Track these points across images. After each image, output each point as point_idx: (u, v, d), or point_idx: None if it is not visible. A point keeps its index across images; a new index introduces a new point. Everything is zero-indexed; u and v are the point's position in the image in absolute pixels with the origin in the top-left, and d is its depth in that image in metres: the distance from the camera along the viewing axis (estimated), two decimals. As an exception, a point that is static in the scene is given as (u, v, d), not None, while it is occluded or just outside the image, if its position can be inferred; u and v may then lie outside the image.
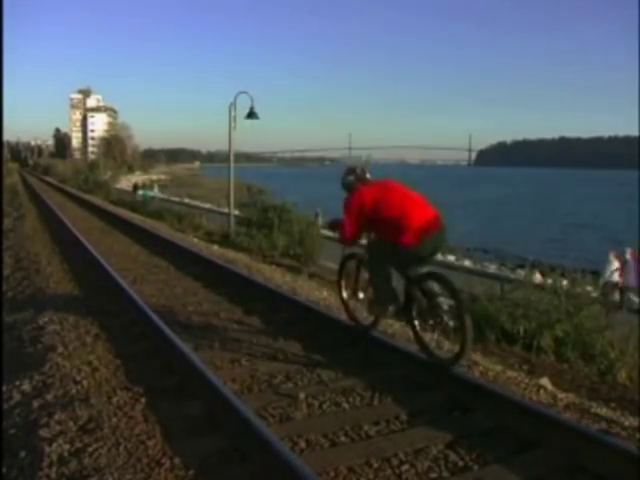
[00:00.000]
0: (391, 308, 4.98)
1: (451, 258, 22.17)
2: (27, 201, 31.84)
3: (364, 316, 5.57)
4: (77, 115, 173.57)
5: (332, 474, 3.23)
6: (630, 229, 30.74)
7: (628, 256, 14.39)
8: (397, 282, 4.98)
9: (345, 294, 5.70)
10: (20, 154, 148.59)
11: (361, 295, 5.51)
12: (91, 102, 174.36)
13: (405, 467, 3.32)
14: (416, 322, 4.77)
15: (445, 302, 4.54)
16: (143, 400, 4.13)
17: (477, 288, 9.02)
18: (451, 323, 4.45)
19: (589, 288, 9.20)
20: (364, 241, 5.33)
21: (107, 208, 24.87)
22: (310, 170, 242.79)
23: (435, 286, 4.63)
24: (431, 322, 4.62)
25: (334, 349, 5.32)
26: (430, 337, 4.76)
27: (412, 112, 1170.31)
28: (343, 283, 5.72)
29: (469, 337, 4.31)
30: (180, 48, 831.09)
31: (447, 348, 4.98)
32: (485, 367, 5.08)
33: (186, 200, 45.36)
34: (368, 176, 5.19)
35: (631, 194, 71.13)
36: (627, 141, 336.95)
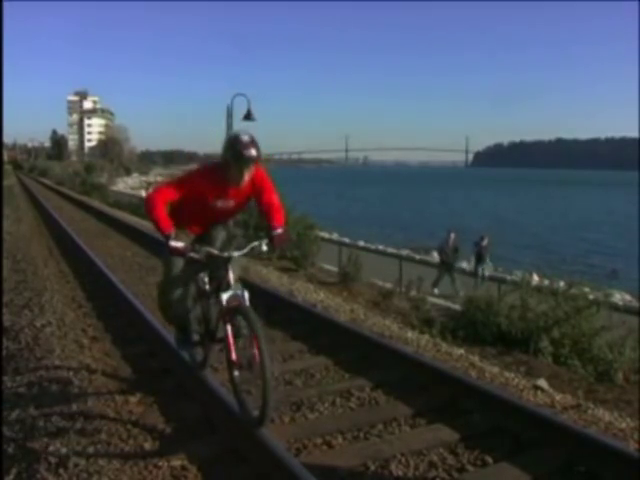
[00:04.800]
0: None
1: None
2: (24, 202, 31.71)
3: None
4: (74, 117, 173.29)
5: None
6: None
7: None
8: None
9: None
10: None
11: None
12: (88, 104, 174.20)
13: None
14: None
15: None
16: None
17: (474, 290, 9.02)
18: None
19: (586, 289, 9.19)
20: None
21: (104, 210, 24.80)
22: (307, 172, 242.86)
23: None
24: None
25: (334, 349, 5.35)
26: None
27: (409, 114, 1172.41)
28: None
29: None
30: (179, 48, 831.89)
31: None
32: (482, 368, 5.09)
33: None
34: None
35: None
36: (623, 142, 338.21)
